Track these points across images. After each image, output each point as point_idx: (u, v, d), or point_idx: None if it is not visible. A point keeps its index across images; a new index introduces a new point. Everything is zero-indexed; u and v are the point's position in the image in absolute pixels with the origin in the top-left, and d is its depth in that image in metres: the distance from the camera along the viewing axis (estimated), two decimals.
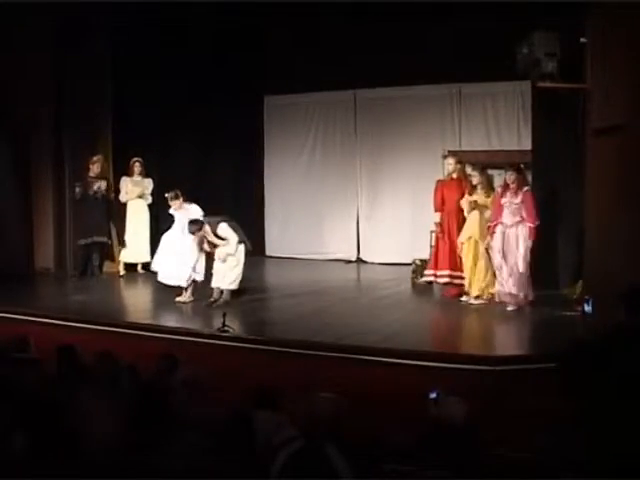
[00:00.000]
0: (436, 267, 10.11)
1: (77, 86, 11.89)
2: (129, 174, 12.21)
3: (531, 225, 8.93)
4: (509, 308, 9.03)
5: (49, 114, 11.93)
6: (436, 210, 10.13)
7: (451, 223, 10.04)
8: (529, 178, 10.15)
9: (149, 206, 12.40)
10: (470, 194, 9.59)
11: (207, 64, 12.83)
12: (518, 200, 8.96)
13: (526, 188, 9.06)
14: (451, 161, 10.19)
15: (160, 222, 12.87)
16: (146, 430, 3.92)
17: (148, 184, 12.32)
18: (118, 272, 12.14)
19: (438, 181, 10.38)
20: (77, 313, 9.21)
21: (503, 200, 9.09)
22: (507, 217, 9.04)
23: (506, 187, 9.12)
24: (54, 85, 11.86)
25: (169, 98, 12.54)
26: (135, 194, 12.21)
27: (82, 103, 11.94)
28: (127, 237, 12.23)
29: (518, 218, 8.97)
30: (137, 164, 12.18)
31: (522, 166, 9.53)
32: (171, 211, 10.19)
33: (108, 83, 12.11)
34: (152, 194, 12.36)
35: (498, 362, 7.08)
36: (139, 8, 10.76)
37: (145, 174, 12.29)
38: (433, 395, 4.69)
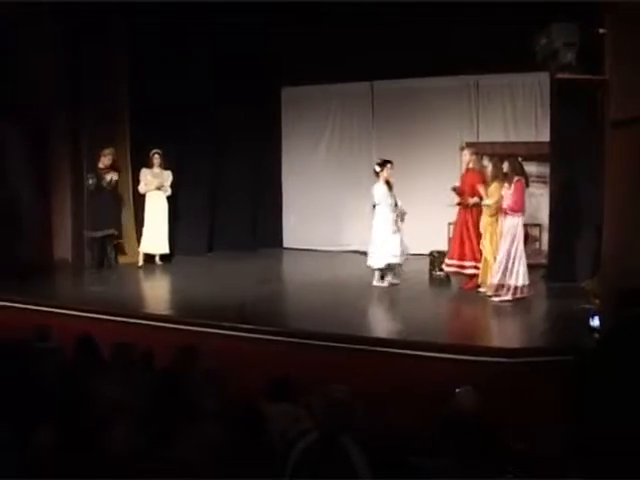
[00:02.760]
0: (459, 258, 10.08)
1: (95, 78, 11.93)
2: (148, 166, 12.24)
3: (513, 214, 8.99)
4: (493, 299, 9.12)
5: (67, 106, 11.97)
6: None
7: (467, 214, 10.03)
8: (546, 170, 10.14)
9: (168, 198, 12.43)
10: (486, 186, 9.59)
11: (225, 56, 12.84)
12: (511, 191, 9.02)
13: (516, 178, 9.05)
14: (466, 152, 10.18)
15: (178, 214, 12.99)
16: (163, 421, 3.96)
17: (167, 176, 12.35)
18: (137, 263, 12.21)
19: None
20: (96, 304, 9.25)
21: (503, 191, 9.18)
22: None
23: (506, 178, 9.21)
24: (71, 76, 11.88)
25: (187, 90, 12.57)
26: (154, 186, 12.23)
27: (100, 95, 11.97)
28: (145, 228, 12.29)
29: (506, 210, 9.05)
30: (156, 156, 12.19)
31: (520, 158, 9.49)
32: (382, 188, 10.31)
33: (126, 75, 12.15)
34: (171, 186, 12.40)
35: (514, 354, 7.06)
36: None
37: (164, 166, 12.32)
38: (461, 388, 4.69)
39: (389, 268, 10.34)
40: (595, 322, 7.47)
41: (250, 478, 3.44)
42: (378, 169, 10.37)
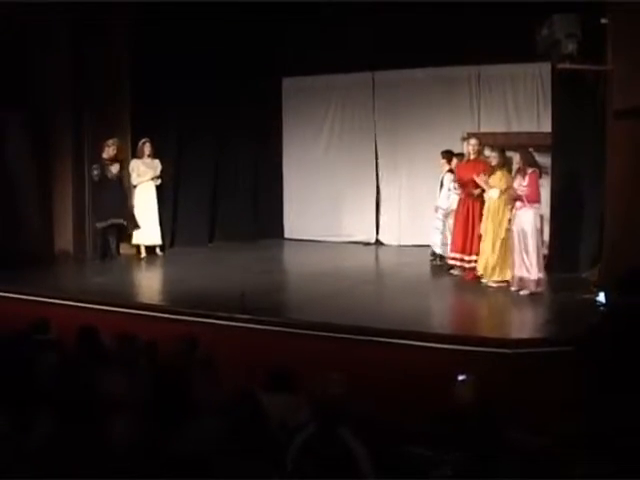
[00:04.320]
0: (463, 251, 10.07)
1: (97, 68, 11.91)
2: (139, 156, 12.03)
3: (534, 206, 8.95)
4: (521, 292, 9.00)
5: (68, 97, 11.95)
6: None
7: (470, 205, 10.01)
8: (548, 160, 10.12)
9: (159, 187, 12.27)
10: (489, 176, 9.55)
11: (225, 47, 12.80)
12: (525, 183, 8.97)
13: (531, 169, 9.01)
14: (474, 142, 10.15)
15: (178, 205, 12.99)
16: (164, 412, 3.96)
17: (157, 165, 12.14)
18: (139, 254, 12.18)
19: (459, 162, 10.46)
20: (98, 295, 9.26)
21: (515, 183, 9.11)
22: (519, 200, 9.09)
23: (518, 170, 9.16)
24: (73, 67, 11.87)
25: (188, 81, 12.54)
26: (148, 176, 12.04)
27: (102, 86, 11.94)
28: (137, 219, 12.13)
29: (524, 201, 9.00)
30: (147, 144, 11.96)
31: (530, 149, 9.46)
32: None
33: (127, 66, 12.10)
34: (161, 175, 12.26)
35: (516, 345, 7.06)
36: None
37: (154, 155, 12.11)
38: (462, 377, 4.71)
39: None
40: (601, 297, 7.58)
41: (250, 468, 3.44)
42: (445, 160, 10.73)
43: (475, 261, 9.80)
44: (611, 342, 4.24)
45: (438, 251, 10.93)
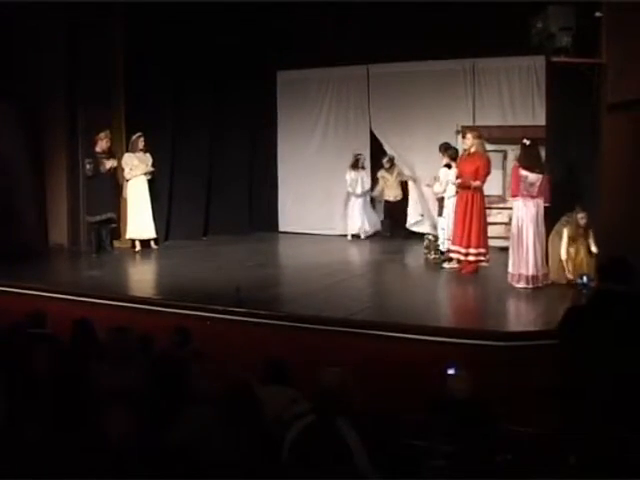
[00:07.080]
0: (461, 244, 10.06)
1: (91, 61, 11.88)
2: (132, 150, 11.98)
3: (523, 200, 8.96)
4: (516, 286, 8.99)
5: (63, 90, 11.93)
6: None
7: (468, 198, 10.00)
8: (543, 154, 10.13)
9: (150, 182, 12.21)
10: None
11: (220, 39, 12.77)
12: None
13: (513, 163, 9.09)
14: (469, 136, 10.14)
15: (173, 198, 12.97)
16: (159, 404, 3.96)
17: (149, 159, 12.11)
18: (134, 248, 12.17)
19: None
20: (92, 289, 9.26)
21: None
22: None
23: None
24: (68, 60, 11.85)
25: (182, 74, 12.52)
26: (142, 170, 11.98)
27: (96, 78, 11.92)
28: (131, 214, 12.11)
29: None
30: (141, 139, 11.92)
31: (525, 141, 9.44)
32: None
33: (121, 58, 12.07)
34: (153, 171, 12.18)
35: (510, 338, 7.09)
36: None
37: (146, 149, 12.07)
38: (451, 371, 4.73)
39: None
40: (584, 280, 7.67)
41: (246, 460, 3.46)
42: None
43: (473, 254, 9.78)
44: (588, 326, 4.29)
45: (441, 247, 10.73)
